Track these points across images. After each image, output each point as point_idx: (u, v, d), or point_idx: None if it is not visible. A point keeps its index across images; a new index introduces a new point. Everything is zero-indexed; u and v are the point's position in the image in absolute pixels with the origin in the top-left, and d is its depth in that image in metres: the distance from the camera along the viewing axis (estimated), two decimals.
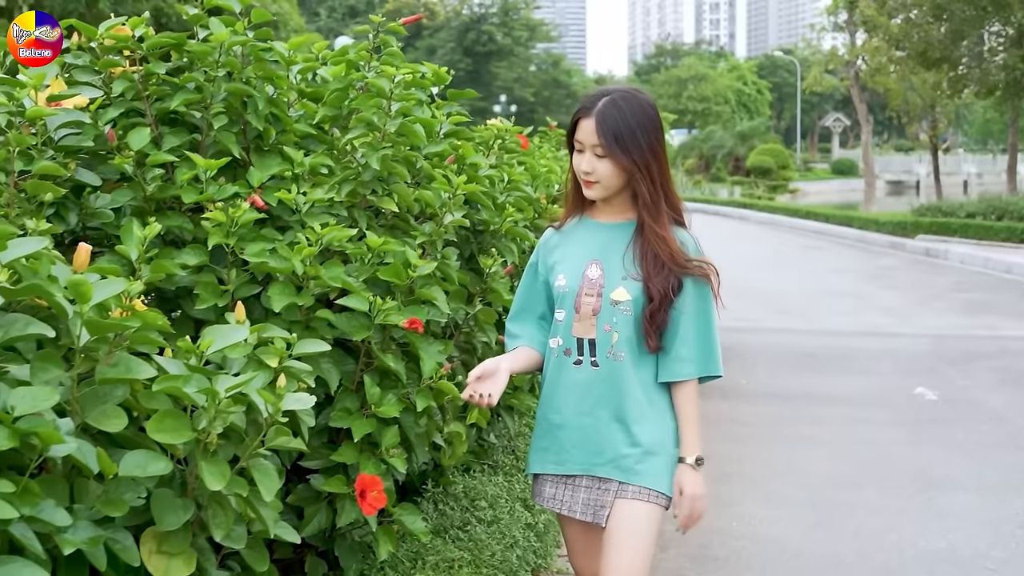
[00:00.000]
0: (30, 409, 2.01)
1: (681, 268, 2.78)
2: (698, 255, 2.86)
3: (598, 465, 2.82)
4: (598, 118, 2.74)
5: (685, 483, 2.82)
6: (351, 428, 3.00)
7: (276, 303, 2.94)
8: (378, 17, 3.57)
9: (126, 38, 3.41)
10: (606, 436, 2.81)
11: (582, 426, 2.83)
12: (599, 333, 2.80)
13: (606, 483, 2.82)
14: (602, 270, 2.83)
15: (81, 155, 3.18)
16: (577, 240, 2.93)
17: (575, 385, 2.84)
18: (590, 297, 2.82)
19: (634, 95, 2.81)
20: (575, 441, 2.85)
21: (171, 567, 2.34)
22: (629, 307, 2.79)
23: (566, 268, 2.89)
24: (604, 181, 2.79)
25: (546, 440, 2.92)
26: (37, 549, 2.01)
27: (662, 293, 2.76)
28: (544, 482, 2.95)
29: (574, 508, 2.87)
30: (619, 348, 2.79)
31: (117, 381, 2.31)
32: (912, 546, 5.10)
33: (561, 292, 2.86)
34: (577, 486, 2.87)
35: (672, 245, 2.79)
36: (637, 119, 2.75)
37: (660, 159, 2.80)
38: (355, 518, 3.04)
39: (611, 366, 2.80)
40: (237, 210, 3.01)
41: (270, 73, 3.46)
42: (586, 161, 2.78)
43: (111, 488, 2.25)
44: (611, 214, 2.92)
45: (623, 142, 2.72)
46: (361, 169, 3.38)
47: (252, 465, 2.45)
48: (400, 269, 3.13)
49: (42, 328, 2.20)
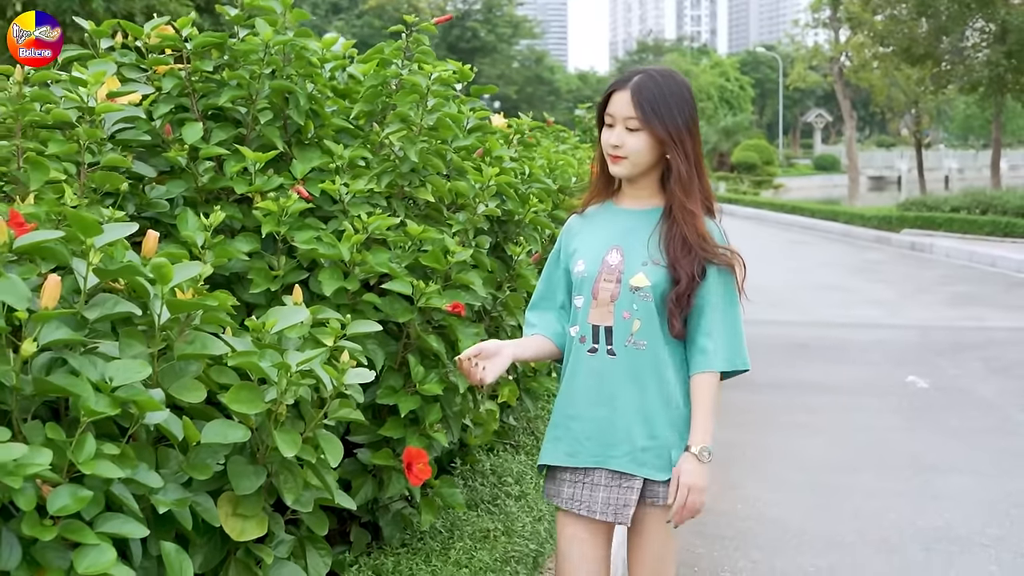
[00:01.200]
0: (126, 380, 2.18)
1: (708, 252, 2.67)
2: (723, 244, 2.75)
3: (613, 458, 2.69)
4: (634, 89, 2.64)
5: (683, 470, 2.64)
6: (397, 404, 3.18)
7: (327, 287, 3.13)
8: (411, 17, 3.75)
9: (173, 37, 3.58)
10: (622, 428, 2.69)
11: (596, 417, 2.71)
12: (616, 320, 2.69)
13: (627, 479, 2.69)
14: (622, 256, 2.72)
15: (137, 148, 3.35)
16: (598, 225, 2.82)
17: (590, 374, 2.73)
18: (608, 283, 2.70)
19: (671, 73, 2.73)
20: (589, 432, 2.72)
21: (246, 529, 2.52)
22: (649, 293, 2.67)
23: (585, 253, 2.78)
24: (633, 157, 2.67)
25: (559, 430, 2.79)
26: (134, 507, 2.19)
27: (689, 275, 2.65)
28: (561, 482, 2.79)
29: (593, 508, 2.72)
30: (640, 336, 2.68)
31: (193, 357, 2.49)
32: (910, 525, 5.31)
33: (580, 278, 2.76)
34: (596, 484, 2.72)
35: (701, 225, 2.68)
36: (674, 95, 2.66)
37: (695, 138, 2.71)
38: (400, 489, 3.22)
39: (631, 355, 2.69)
40: (287, 200, 3.19)
41: (309, 71, 3.64)
42: (615, 135, 2.67)
43: (193, 455, 2.43)
44: (637, 199, 2.79)
45: (660, 114, 2.63)
46: (398, 161, 3.57)
47: (318, 435, 2.64)
48: (439, 255, 3.32)
49: (130, 307, 2.38)
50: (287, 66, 3.57)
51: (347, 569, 3.21)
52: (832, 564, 4.79)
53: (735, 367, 2.77)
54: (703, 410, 2.72)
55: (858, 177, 37.70)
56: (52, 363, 2.20)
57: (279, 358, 2.48)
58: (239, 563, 2.60)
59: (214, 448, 2.46)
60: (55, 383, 2.08)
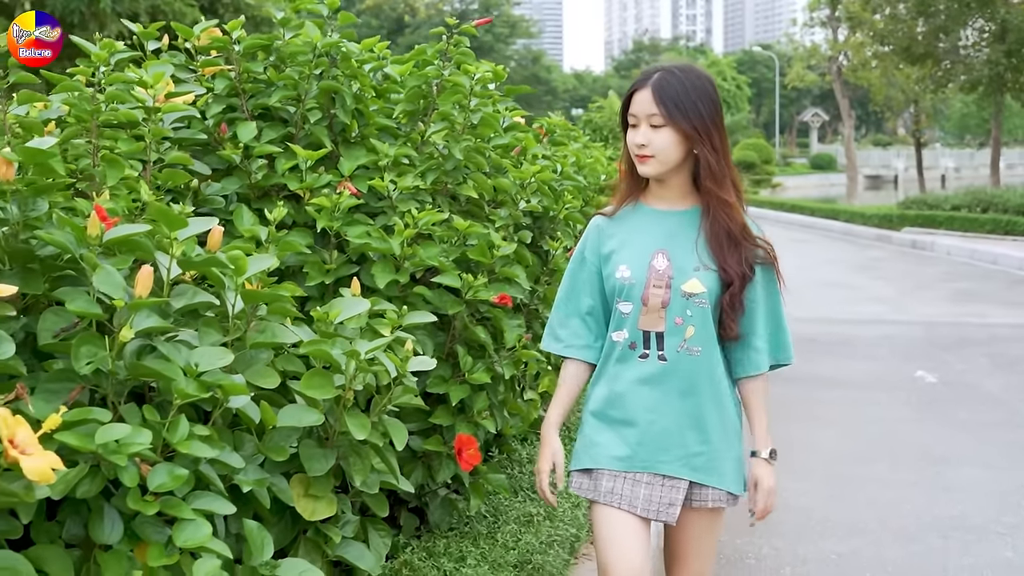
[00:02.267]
0: (210, 366, 2.30)
1: (751, 243, 2.69)
2: (762, 237, 2.76)
3: (665, 463, 2.68)
4: (655, 86, 2.61)
5: (761, 477, 2.75)
6: (447, 393, 3.30)
7: (379, 280, 3.25)
8: (453, 20, 3.87)
9: (222, 40, 3.70)
10: (675, 433, 2.67)
11: (649, 423, 2.68)
12: (668, 326, 2.66)
13: (674, 481, 2.69)
14: (669, 260, 2.68)
15: (193, 147, 3.47)
16: (637, 228, 2.76)
17: (642, 380, 2.69)
18: (658, 289, 2.66)
19: (692, 68, 2.69)
20: (641, 438, 2.69)
21: (317, 509, 2.65)
22: (705, 299, 2.65)
23: (629, 258, 2.72)
24: (661, 154, 2.63)
25: (604, 436, 2.74)
26: (220, 487, 2.32)
27: (739, 274, 2.65)
28: (600, 476, 2.74)
29: (635, 503, 2.69)
30: (694, 343, 2.66)
31: (265, 345, 2.61)
32: (926, 514, 5.44)
33: (626, 284, 2.69)
34: (638, 481, 2.70)
35: (740, 216, 2.69)
36: (695, 88, 2.62)
37: (721, 131, 2.67)
38: (450, 475, 3.34)
39: (684, 360, 2.66)
40: (339, 197, 3.31)
41: (354, 71, 3.76)
42: (641, 134, 2.63)
43: (268, 438, 2.55)
44: (670, 200, 2.76)
45: (683, 108, 2.59)
46: (442, 159, 3.69)
47: (383, 420, 2.76)
48: (485, 250, 3.44)
49: (208, 297, 2.51)
50: (333, 67, 3.69)
51: (401, 550, 3.34)
52: (854, 550, 4.92)
53: (778, 362, 2.82)
54: (761, 412, 2.80)
55: (857, 176, 37.85)
56: (141, 350, 2.33)
57: (349, 346, 2.61)
58: (309, 542, 2.72)
59: (288, 431, 2.59)
60: (150, 367, 2.20)
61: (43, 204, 2.42)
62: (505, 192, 3.82)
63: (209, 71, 3.74)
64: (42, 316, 2.26)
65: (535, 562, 3.45)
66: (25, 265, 2.36)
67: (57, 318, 2.28)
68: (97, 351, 2.16)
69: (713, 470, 2.70)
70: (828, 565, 4.75)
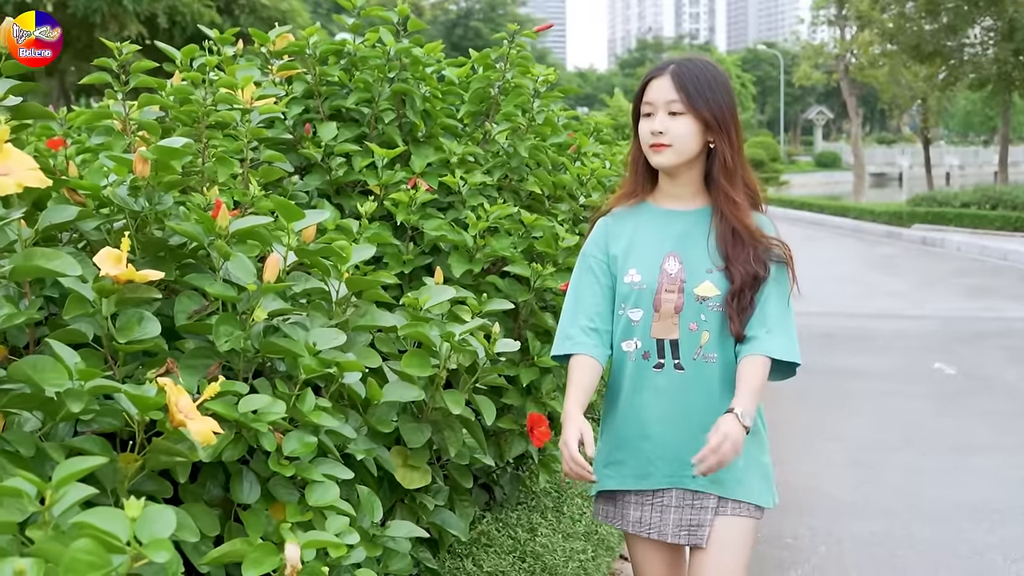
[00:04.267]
0: (327, 345, 2.54)
1: (760, 242, 2.56)
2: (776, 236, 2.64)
3: (688, 478, 2.55)
4: (674, 72, 2.53)
5: (724, 421, 2.40)
6: (518, 375, 3.54)
7: (456, 270, 3.48)
8: (514, 25, 4.10)
9: (300, 45, 3.93)
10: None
11: (669, 435, 2.57)
12: (683, 333, 2.55)
13: (701, 498, 2.58)
14: (681, 263, 2.58)
15: (278, 146, 3.70)
16: (646, 230, 2.65)
17: (658, 391, 2.58)
18: (671, 294, 2.55)
19: (708, 60, 2.62)
20: (661, 452, 2.58)
21: (414, 478, 2.88)
22: (719, 303, 2.54)
23: (638, 262, 2.62)
24: (678, 143, 2.52)
25: (623, 453, 2.65)
26: (336, 455, 2.55)
27: (748, 274, 2.52)
28: (625, 504, 2.66)
29: (664, 531, 2.60)
30: (709, 349, 2.55)
31: (366, 328, 2.85)
32: (952, 497, 5.67)
33: (636, 289, 2.59)
34: (666, 505, 2.60)
35: (747, 216, 2.57)
36: (715, 78, 2.56)
37: (738, 127, 2.59)
38: (521, 452, 3.58)
39: (700, 369, 2.56)
40: (416, 192, 3.55)
41: (423, 75, 3.99)
42: (658, 121, 2.53)
43: (373, 412, 2.79)
44: (679, 199, 2.66)
45: (704, 96, 2.51)
46: (508, 156, 3.92)
47: (473, 397, 2.99)
48: (551, 241, 3.67)
49: (318, 283, 2.74)
50: (403, 70, 3.92)
51: (478, 521, 3.57)
52: (885, 529, 5.15)
53: (790, 358, 2.56)
54: (749, 382, 2.49)
55: (863, 173, 38.02)
56: (265, 330, 2.56)
57: (445, 329, 2.84)
58: (405, 508, 2.96)
59: (390, 406, 2.82)
60: (280, 344, 2.43)
61: (168, 198, 2.65)
62: (564, 187, 4.05)
63: (283, 74, 3.97)
64: (178, 299, 2.49)
65: (601, 533, 3.68)
66: (156, 254, 2.59)
67: (190, 301, 2.51)
68: (233, 330, 2.39)
69: (739, 483, 2.58)
70: (862, 543, 4.97)
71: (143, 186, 2.57)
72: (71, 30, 21.91)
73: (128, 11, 18.24)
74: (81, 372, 1.93)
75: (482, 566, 3.29)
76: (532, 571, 3.32)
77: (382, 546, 2.59)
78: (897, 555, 4.84)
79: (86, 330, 2.24)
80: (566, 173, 4.09)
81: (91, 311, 2.19)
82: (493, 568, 3.29)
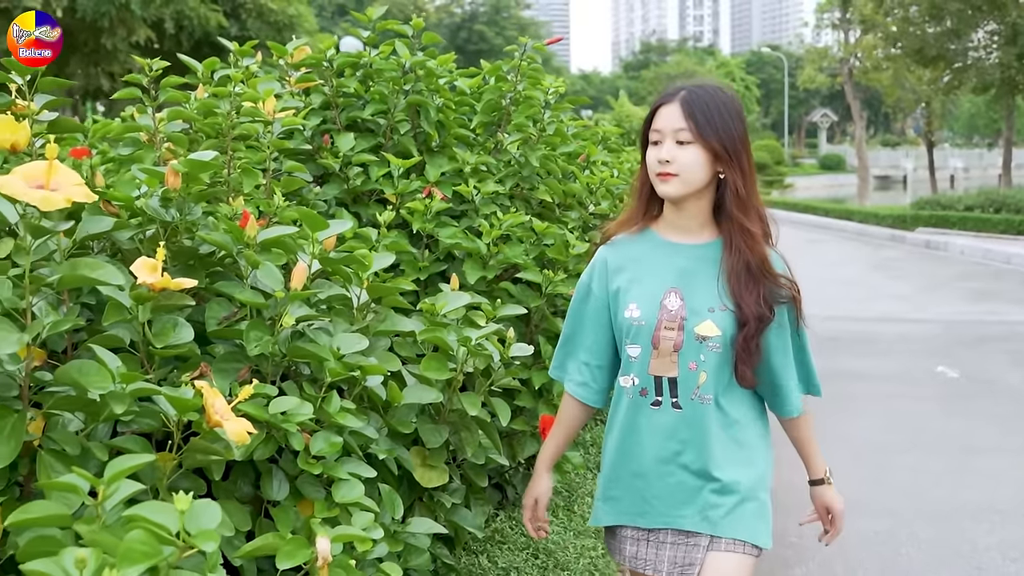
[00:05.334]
0: (350, 349, 2.65)
1: (772, 280, 2.49)
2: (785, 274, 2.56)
3: (684, 518, 2.52)
4: (683, 100, 2.46)
5: (831, 502, 2.79)
6: (530, 378, 3.65)
7: (470, 276, 3.60)
8: (525, 38, 4.22)
9: (318, 58, 4.05)
10: (692, 486, 2.50)
11: (664, 474, 2.52)
12: (681, 371, 2.48)
13: (694, 537, 2.52)
14: (682, 300, 2.50)
15: (296, 156, 3.82)
16: (649, 262, 2.58)
17: (655, 429, 2.52)
18: (670, 331, 2.48)
19: (718, 86, 2.55)
20: (657, 492, 2.54)
21: (432, 477, 2.99)
22: (719, 343, 2.47)
23: (638, 296, 2.54)
24: (685, 173, 2.43)
25: (619, 489, 2.61)
26: (359, 454, 2.66)
27: (755, 315, 2.46)
28: (622, 539, 2.63)
29: (659, 568, 2.55)
30: (706, 390, 2.49)
31: (386, 333, 2.96)
32: (955, 498, 5.78)
33: (634, 325, 2.52)
34: (662, 542, 2.56)
35: (763, 248, 2.50)
36: (726, 105, 2.48)
37: (749, 155, 2.52)
38: (533, 452, 3.69)
39: (698, 409, 2.49)
40: (431, 201, 3.67)
41: (437, 86, 4.11)
42: (666, 150, 2.44)
43: (392, 414, 2.90)
44: (686, 231, 2.57)
45: (714, 124, 2.43)
46: (519, 166, 4.04)
47: (489, 399, 3.11)
48: (562, 248, 3.79)
49: (340, 291, 2.85)
50: (418, 82, 4.04)
51: (492, 519, 3.69)
52: (890, 528, 5.26)
53: (808, 392, 2.71)
54: (810, 445, 2.76)
55: (868, 176, 38.12)
56: (291, 336, 2.67)
57: (462, 333, 2.96)
58: (423, 506, 3.07)
59: (410, 408, 2.93)
60: (307, 349, 2.55)
61: (197, 209, 2.76)
62: (573, 196, 4.17)
63: (301, 86, 4.09)
64: (208, 306, 2.61)
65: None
66: (186, 263, 2.71)
67: (220, 308, 2.63)
68: (263, 335, 2.51)
69: (733, 523, 2.51)
70: (867, 541, 5.09)
71: (174, 197, 2.68)
72: (79, 34, 22.05)
73: (136, 16, 18.36)
74: (123, 375, 2.04)
75: (496, 562, 3.41)
76: (545, 567, 3.44)
77: (403, 542, 2.71)
78: (900, 553, 4.95)
79: (123, 335, 2.35)
80: (576, 182, 4.20)
81: (128, 317, 2.30)
82: (507, 564, 3.41)
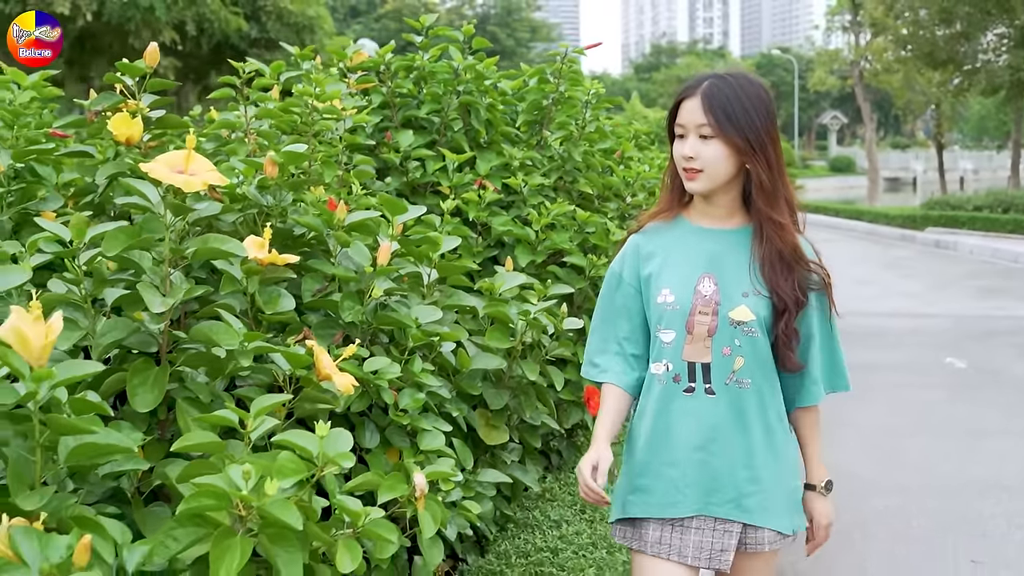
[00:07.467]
0: (426, 319, 3.01)
1: (804, 266, 2.48)
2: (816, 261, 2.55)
3: (716, 505, 2.46)
4: (704, 94, 2.40)
5: (818, 512, 2.60)
6: (575, 352, 4.01)
7: (521, 260, 3.96)
8: (566, 44, 4.58)
9: (377, 61, 4.41)
10: (726, 473, 2.45)
11: (697, 462, 2.46)
12: (715, 357, 2.45)
13: (725, 524, 2.47)
14: (716, 284, 2.47)
15: (361, 151, 4.18)
16: (681, 248, 2.54)
17: (688, 416, 2.47)
18: (704, 316, 2.45)
19: (744, 74, 2.48)
20: (690, 480, 2.46)
21: (495, 436, 3.36)
22: (755, 327, 2.45)
23: (671, 281, 2.50)
24: (710, 168, 2.41)
25: (648, 479, 2.52)
26: (436, 411, 3.01)
27: (794, 300, 2.45)
28: (646, 525, 2.53)
29: (685, 553, 2.48)
30: (743, 375, 2.45)
31: (451, 307, 3.32)
32: (963, 475, 6.13)
33: (668, 310, 2.48)
34: (687, 527, 2.48)
35: (793, 237, 2.47)
36: (749, 96, 2.41)
37: (776, 145, 2.45)
38: (577, 420, 4.05)
39: (733, 394, 2.46)
40: (485, 192, 4.03)
41: (485, 88, 4.48)
42: (689, 145, 2.41)
43: (461, 378, 3.26)
44: (716, 217, 2.54)
45: (735, 119, 2.38)
46: (562, 160, 4.40)
47: (545, 367, 3.47)
48: (603, 235, 4.15)
49: (414, 268, 3.22)
50: (468, 84, 4.41)
51: (542, 480, 4.06)
52: (900, 504, 5.61)
53: (835, 389, 2.69)
54: (815, 444, 2.66)
55: (878, 178, 38.39)
56: (376, 306, 3.03)
57: (522, 308, 3.32)
58: (486, 462, 3.43)
59: (476, 373, 3.30)
60: (392, 316, 2.91)
61: (288, 195, 3.13)
62: (611, 188, 4.54)
63: (360, 87, 4.45)
64: (304, 280, 2.97)
65: None
66: (281, 243, 3.07)
67: (313, 281, 2.99)
68: (355, 305, 2.87)
69: (767, 511, 2.48)
70: (880, 515, 5.44)
71: (270, 185, 3.05)
72: (105, 37, 22.51)
73: (160, 19, 18.78)
74: (246, 335, 2.40)
75: (548, 515, 3.76)
76: (592, 520, 3.79)
77: (474, 489, 3.07)
78: (912, 525, 5.30)
79: (234, 304, 2.71)
80: (613, 176, 4.57)
81: (240, 288, 2.67)
82: (559, 517, 3.76)
